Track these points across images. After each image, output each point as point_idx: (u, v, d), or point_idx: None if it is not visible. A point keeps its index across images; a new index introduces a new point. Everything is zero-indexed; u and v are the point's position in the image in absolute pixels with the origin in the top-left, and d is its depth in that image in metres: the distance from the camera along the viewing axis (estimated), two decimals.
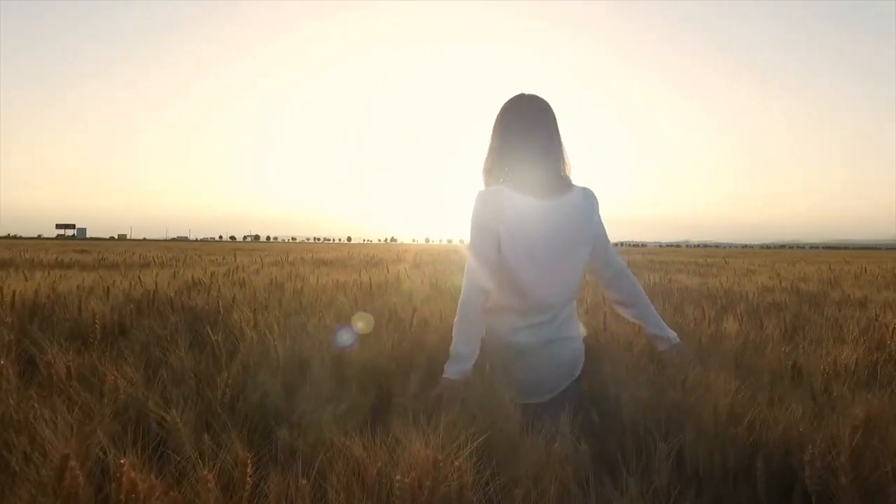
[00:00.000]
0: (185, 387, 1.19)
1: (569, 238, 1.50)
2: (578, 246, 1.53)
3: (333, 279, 3.32)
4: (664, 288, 3.96)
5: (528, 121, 1.53)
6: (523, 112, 1.55)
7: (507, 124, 1.55)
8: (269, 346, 1.37)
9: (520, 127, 1.53)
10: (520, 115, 1.55)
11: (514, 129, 1.54)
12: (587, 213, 1.54)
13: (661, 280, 4.67)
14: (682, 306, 2.96)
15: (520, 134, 1.52)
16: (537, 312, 1.50)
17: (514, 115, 1.55)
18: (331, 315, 1.97)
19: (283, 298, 2.30)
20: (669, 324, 1.69)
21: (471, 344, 1.44)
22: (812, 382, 1.36)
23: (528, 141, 1.51)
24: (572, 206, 1.51)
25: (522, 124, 1.53)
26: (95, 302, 1.85)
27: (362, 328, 1.76)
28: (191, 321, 1.90)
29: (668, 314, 2.55)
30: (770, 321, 2.24)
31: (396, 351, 1.48)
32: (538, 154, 1.51)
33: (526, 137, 1.52)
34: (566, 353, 1.53)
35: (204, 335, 1.55)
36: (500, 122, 1.57)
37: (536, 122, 1.53)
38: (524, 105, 1.56)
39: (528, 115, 1.54)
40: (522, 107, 1.56)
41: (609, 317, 1.89)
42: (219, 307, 1.96)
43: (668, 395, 1.22)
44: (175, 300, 2.21)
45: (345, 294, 2.58)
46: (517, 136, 1.53)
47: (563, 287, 1.52)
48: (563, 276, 1.51)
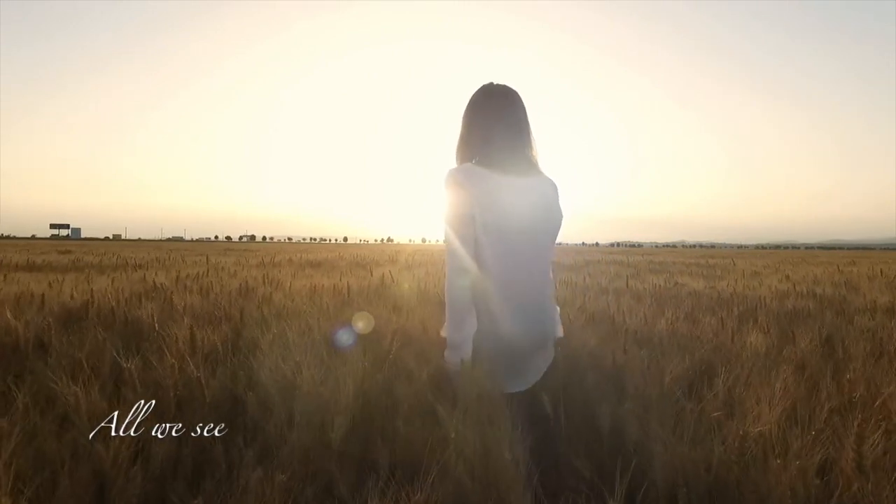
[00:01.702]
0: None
1: (540, 215, 1.52)
2: (547, 226, 1.54)
3: (312, 283, 3.02)
4: (672, 292, 3.67)
5: (498, 106, 1.56)
6: (492, 98, 1.58)
7: (476, 109, 1.58)
8: (192, 378, 1.07)
9: (489, 111, 1.56)
10: (489, 100, 1.58)
11: (483, 113, 1.57)
12: (552, 198, 1.56)
13: (667, 283, 4.38)
14: (695, 314, 2.69)
15: (489, 117, 1.55)
16: (515, 294, 1.47)
17: (483, 101, 1.58)
18: (294, 329, 1.68)
19: (245, 308, 2.00)
20: (685, 334, 1.79)
21: (463, 329, 1.43)
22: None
23: (497, 123, 1.54)
24: (542, 188, 1.54)
25: (492, 109, 1.56)
26: (10, 315, 1.55)
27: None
28: (125, 337, 1.60)
29: (681, 323, 2.28)
30: (800, 333, 1.95)
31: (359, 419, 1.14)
32: (507, 136, 1.53)
33: (495, 121, 1.54)
34: (547, 340, 1.53)
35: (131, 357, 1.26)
36: (471, 108, 1.60)
37: (505, 108, 1.56)
38: (493, 91, 1.59)
39: (497, 101, 1.57)
40: (492, 92, 1.59)
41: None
42: (153, 322, 1.65)
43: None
44: (117, 310, 1.90)
45: (317, 302, 2.28)
46: (487, 119, 1.55)
47: (536, 261, 1.51)
48: (535, 250, 1.51)
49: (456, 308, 1.43)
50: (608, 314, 2.44)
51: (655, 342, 1.79)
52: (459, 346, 1.41)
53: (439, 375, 1.39)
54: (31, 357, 1.43)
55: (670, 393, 1.18)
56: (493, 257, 1.45)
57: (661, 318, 2.30)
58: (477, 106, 1.58)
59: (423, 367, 1.35)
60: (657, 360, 1.47)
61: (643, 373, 1.33)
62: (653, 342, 1.78)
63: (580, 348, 1.61)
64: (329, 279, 3.49)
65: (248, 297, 2.51)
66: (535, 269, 1.50)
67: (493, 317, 1.46)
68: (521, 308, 1.47)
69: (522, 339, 1.46)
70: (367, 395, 1.15)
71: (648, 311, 2.50)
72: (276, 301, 2.32)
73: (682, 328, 2.14)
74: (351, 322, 1.85)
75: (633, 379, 1.28)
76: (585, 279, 4.85)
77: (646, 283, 4.52)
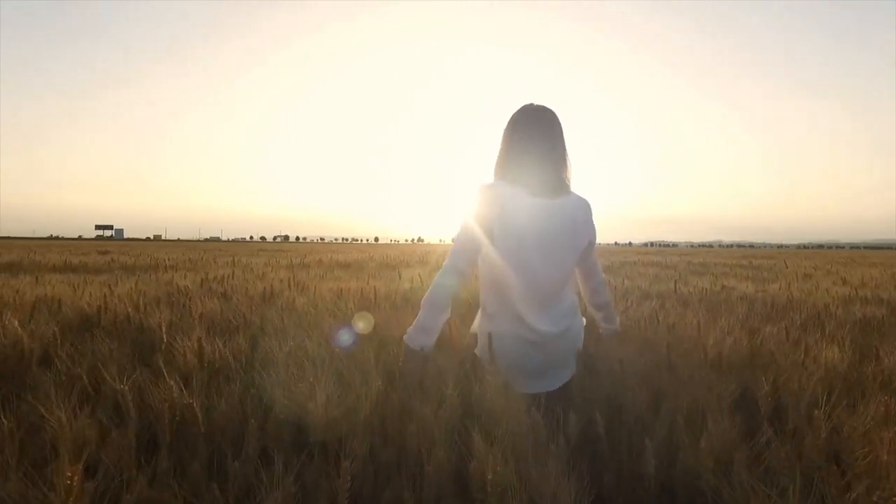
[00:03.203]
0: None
1: (559, 235, 1.58)
2: (567, 244, 1.60)
3: (339, 286, 2.89)
4: (721, 296, 3.40)
5: (533, 126, 1.63)
6: (529, 118, 1.65)
7: (513, 128, 1.66)
8: (186, 404, 0.94)
9: (525, 131, 1.63)
10: (526, 120, 1.65)
11: (519, 133, 1.64)
12: (580, 217, 1.63)
13: (713, 286, 4.11)
14: (751, 321, 2.45)
15: (524, 138, 1.62)
16: (534, 303, 1.55)
17: (521, 120, 1.66)
18: (314, 339, 1.55)
19: (266, 315, 1.88)
20: (743, 351, 1.74)
21: (436, 321, 1.55)
22: None
23: (530, 144, 1.61)
24: (565, 209, 1.60)
25: (527, 129, 1.63)
26: (17, 325, 1.45)
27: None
28: (137, 347, 1.49)
29: (738, 334, 2.05)
30: (884, 348, 1.71)
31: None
32: (539, 157, 1.60)
33: (529, 141, 1.62)
34: (567, 345, 1.58)
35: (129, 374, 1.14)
36: (509, 126, 1.67)
37: (540, 128, 1.63)
38: (530, 112, 1.67)
39: (533, 121, 1.64)
40: (529, 113, 1.67)
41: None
42: (161, 332, 1.54)
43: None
44: (133, 317, 1.81)
45: (342, 308, 2.15)
46: (522, 139, 1.62)
47: (551, 277, 1.57)
48: (549, 269, 1.56)
49: (433, 300, 1.54)
50: (656, 322, 2.23)
51: (713, 357, 1.59)
52: (426, 330, 1.53)
53: (468, 393, 1.23)
54: (34, 370, 1.33)
55: (737, 426, 0.98)
56: (511, 270, 1.54)
57: (715, 326, 2.09)
58: (514, 125, 1.66)
59: (450, 380, 1.19)
60: (719, 380, 1.28)
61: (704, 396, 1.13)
62: (711, 358, 1.58)
63: (624, 362, 1.43)
64: (357, 282, 3.36)
65: (271, 302, 2.40)
66: (552, 282, 1.58)
67: (512, 321, 1.55)
68: (527, 318, 1.54)
69: (539, 343, 1.53)
70: (386, 422, 1.00)
71: (700, 319, 2.28)
72: (299, 306, 2.20)
73: (742, 339, 1.92)
74: (368, 329, 1.75)
75: (684, 402, 1.09)
76: (624, 281, 4.61)
77: (689, 285, 4.25)
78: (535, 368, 1.54)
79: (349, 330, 1.69)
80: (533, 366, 1.53)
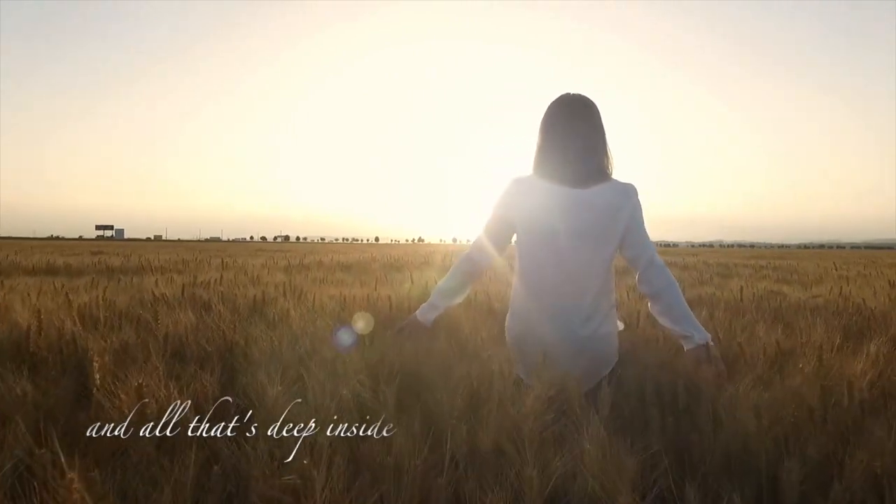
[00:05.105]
0: None
1: (591, 226, 1.53)
2: (600, 235, 1.54)
3: (340, 294, 2.47)
4: (774, 303, 2.98)
5: (569, 116, 1.60)
6: (565, 108, 1.62)
7: (547, 120, 1.63)
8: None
9: (561, 122, 1.60)
10: (562, 110, 1.62)
11: (555, 124, 1.61)
12: (617, 204, 1.54)
13: (755, 290, 3.67)
14: (856, 338, 2.03)
15: (560, 128, 1.59)
16: (559, 301, 1.52)
17: (557, 111, 1.62)
18: (314, 374, 1.14)
19: (251, 335, 1.46)
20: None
21: (445, 299, 1.69)
22: None
23: (568, 133, 1.58)
24: (599, 197, 1.54)
25: (564, 119, 1.60)
26: None
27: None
28: (66, 391, 1.08)
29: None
30: None
31: None
32: (575, 146, 1.56)
33: (564, 132, 1.58)
34: (595, 349, 1.52)
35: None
36: (545, 119, 1.64)
37: (576, 118, 1.59)
38: (567, 101, 1.63)
39: (570, 111, 1.61)
40: (565, 103, 1.63)
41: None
42: (94, 371, 1.13)
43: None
44: (80, 338, 1.40)
45: (346, 321, 1.73)
46: (558, 130, 1.59)
47: (580, 271, 1.53)
48: (580, 261, 1.53)
49: (451, 280, 1.68)
50: (717, 339, 1.82)
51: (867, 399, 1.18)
52: (433, 308, 1.68)
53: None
54: None
55: None
56: (532, 264, 1.56)
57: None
58: (548, 117, 1.63)
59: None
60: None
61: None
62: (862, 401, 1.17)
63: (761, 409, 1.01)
64: (361, 288, 2.94)
65: (261, 314, 1.98)
66: (578, 277, 1.53)
67: (529, 319, 1.55)
68: (554, 314, 1.51)
69: (557, 343, 1.47)
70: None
71: (777, 336, 1.86)
72: (293, 320, 1.78)
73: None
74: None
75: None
76: None
77: (724, 289, 3.83)
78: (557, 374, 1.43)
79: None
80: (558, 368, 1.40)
